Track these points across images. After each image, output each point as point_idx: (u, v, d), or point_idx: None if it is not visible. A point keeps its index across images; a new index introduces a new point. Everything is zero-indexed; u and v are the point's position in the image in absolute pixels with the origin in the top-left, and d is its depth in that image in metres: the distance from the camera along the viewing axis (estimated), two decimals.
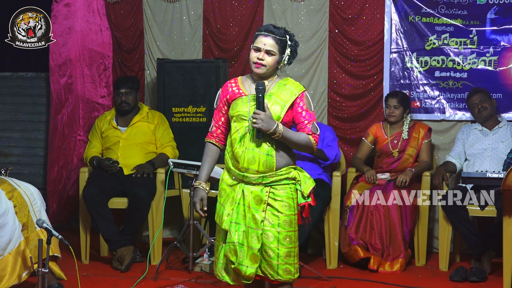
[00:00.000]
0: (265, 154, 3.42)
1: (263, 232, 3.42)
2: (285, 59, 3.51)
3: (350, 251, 5.25)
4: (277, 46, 3.47)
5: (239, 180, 3.49)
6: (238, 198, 3.47)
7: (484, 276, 5.00)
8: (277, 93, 3.49)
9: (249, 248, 3.43)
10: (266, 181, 3.44)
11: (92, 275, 5.12)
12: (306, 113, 3.48)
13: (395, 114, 5.60)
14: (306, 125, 3.47)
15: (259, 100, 3.39)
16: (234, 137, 3.48)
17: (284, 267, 3.44)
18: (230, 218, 3.47)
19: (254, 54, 3.48)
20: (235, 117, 3.50)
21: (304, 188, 3.48)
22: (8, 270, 4.27)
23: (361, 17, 6.01)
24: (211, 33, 6.27)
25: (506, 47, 5.74)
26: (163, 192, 5.40)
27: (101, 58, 6.33)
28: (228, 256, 3.47)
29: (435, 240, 5.77)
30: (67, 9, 6.21)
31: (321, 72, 6.10)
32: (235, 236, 3.44)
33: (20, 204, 4.38)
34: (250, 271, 3.43)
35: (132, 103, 5.72)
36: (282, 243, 3.42)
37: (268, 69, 3.49)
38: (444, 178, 5.34)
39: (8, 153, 6.79)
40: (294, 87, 3.52)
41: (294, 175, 3.48)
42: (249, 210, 3.44)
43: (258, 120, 3.35)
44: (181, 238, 5.07)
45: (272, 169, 3.43)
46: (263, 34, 3.47)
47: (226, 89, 3.60)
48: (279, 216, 3.42)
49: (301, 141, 3.45)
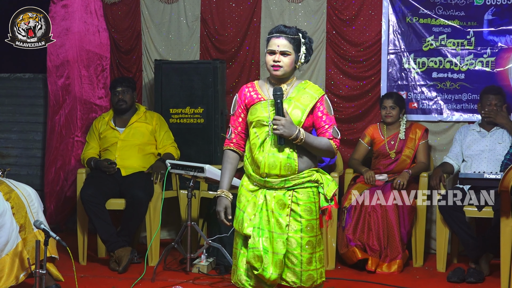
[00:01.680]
0: (285, 157, 3.38)
1: (288, 238, 3.37)
2: (302, 57, 3.46)
3: (347, 252, 5.25)
4: (291, 46, 3.42)
5: (261, 186, 3.44)
6: (261, 203, 3.42)
7: (481, 277, 5.01)
8: (297, 97, 3.44)
9: (274, 253, 3.37)
10: (289, 185, 3.40)
11: (89, 276, 5.12)
12: (326, 117, 3.45)
13: (392, 115, 5.61)
14: (327, 130, 3.44)
15: (278, 106, 3.34)
16: (254, 143, 3.43)
17: (307, 274, 3.40)
18: (253, 224, 3.41)
19: (269, 57, 3.43)
20: (254, 122, 3.44)
21: (327, 190, 3.44)
22: (5, 272, 4.27)
23: (359, 18, 6.02)
24: (208, 34, 6.27)
25: (503, 48, 5.75)
26: (161, 193, 5.41)
27: (99, 59, 6.34)
28: (251, 262, 3.39)
29: (433, 241, 5.77)
30: (65, 10, 6.21)
31: (319, 73, 6.11)
32: (259, 242, 3.38)
33: (17, 205, 4.37)
34: (274, 277, 3.37)
35: (129, 101, 5.72)
36: (304, 249, 3.39)
37: (286, 70, 3.43)
38: (442, 179, 5.34)
39: (5, 154, 6.78)
40: (314, 91, 3.48)
41: (316, 177, 3.44)
42: (273, 215, 3.39)
43: (279, 126, 3.31)
44: (178, 239, 5.07)
45: (294, 172, 3.39)
46: (275, 36, 3.42)
47: (243, 94, 3.54)
48: (302, 222, 3.38)
49: (322, 146, 3.42)
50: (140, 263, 5.35)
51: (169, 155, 5.58)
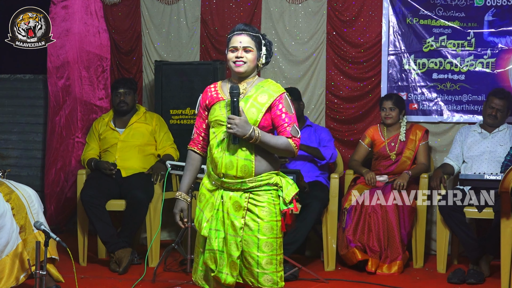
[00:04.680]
0: (243, 159, 3.33)
1: (243, 239, 3.33)
2: (263, 57, 3.43)
3: (348, 253, 5.25)
4: (254, 42, 3.40)
5: (218, 186, 3.41)
6: (217, 204, 3.39)
7: (482, 278, 5.00)
8: (254, 96, 3.39)
9: (228, 255, 3.35)
10: (246, 187, 3.35)
11: (90, 277, 5.11)
12: (286, 115, 3.38)
13: (391, 116, 5.60)
14: (286, 128, 3.37)
15: (233, 104, 3.30)
16: (213, 143, 3.40)
17: (264, 276, 3.34)
18: (210, 225, 3.39)
19: (231, 54, 3.40)
20: (213, 122, 3.42)
21: (286, 194, 3.38)
22: (6, 272, 4.27)
23: (359, 19, 6.01)
24: (208, 35, 6.27)
25: (503, 49, 5.75)
26: (161, 194, 5.40)
27: (99, 60, 6.34)
28: (207, 263, 3.39)
29: (433, 242, 5.77)
30: (65, 11, 6.21)
31: (319, 74, 6.10)
32: (215, 243, 3.36)
33: (17, 207, 4.38)
34: (230, 279, 3.36)
35: (130, 103, 5.72)
36: (262, 250, 3.33)
37: (249, 65, 3.40)
38: (442, 180, 5.34)
39: (5, 155, 6.78)
40: (273, 89, 3.41)
41: (275, 180, 3.39)
42: (228, 216, 3.36)
43: (232, 125, 3.25)
44: (178, 240, 5.07)
45: (250, 174, 3.34)
46: (236, 34, 3.41)
47: (206, 94, 3.52)
48: (259, 222, 3.33)
49: (280, 145, 3.34)
50: (140, 264, 5.36)
51: (169, 156, 5.58)
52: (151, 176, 5.46)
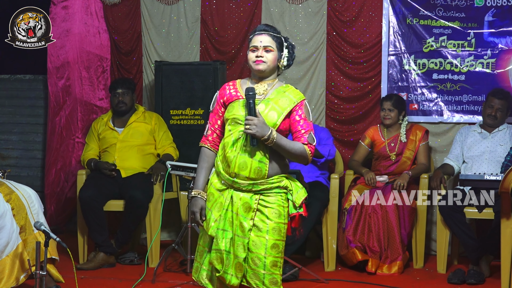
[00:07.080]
0: (257, 160, 3.31)
1: (251, 240, 3.31)
2: (284, 58, 3.41)
3: (348, 254, 5.25)
4: (274, 43, 3.37)
5: (228, 186, 3.38)
6: (227, 204, 3.36)
7: (482, 279, 5.00)
8: (275, 99, 3.37)
9: (235, 256, 3.33)
10: (257, 189, 3.33)
11: (90, 277, 5.11)
12: (304, 122, 3.36)
13: (390, 117, 5.60)
14: (302, 135, 3.35)
15: (249, 106, 3.28)
16: (227, 141, 3.37)
17: (270, 277, 3.32)
18: (217, 225, 3.36)
19: (252, 54, 3.38)
20: (230, 119, 3.38)
21: (296, 198, 3.37)
22: (6, 273, 4.27)
23: (359, 19, 6.02)
24: (208, 35, 6.28)
25: (503, 49, 5.75)
26: (161, 195, 5.40)
27: (99, 61, 6.34)
28: (213, 263, 3.36)
29: (433, 242, 5.77)
30: (65, 11, 6.21)
31: (319, 75, 6.10)
32: (222, 243, 3.34)
33: (17, 207, 4.38)
34: (235, 280, 3.33)
35: (129, 103, 5.72)
36: (269, 252, 3.31)
37: (269, 65, 3.37)
38: (442, 181, 5.34)
39: (6, 156, 6.79)
40: (294, 95, 3.40)
41: (285, 184, 3.37)
42: (237, 217, 3.33)
43: (251, 126, 3.23)
44: (179, 241, 5.07)
45: (263, 176, 3.32)
46: (257, 33, 3.39)
47: (224, 91, 3.48)
48: (268, 224, 3.31)
49: (296, 151, 3.32)
50: (140, 264, 5.36)
51: (168, 156, 5.58)
52: (151, 177, 5.46)
